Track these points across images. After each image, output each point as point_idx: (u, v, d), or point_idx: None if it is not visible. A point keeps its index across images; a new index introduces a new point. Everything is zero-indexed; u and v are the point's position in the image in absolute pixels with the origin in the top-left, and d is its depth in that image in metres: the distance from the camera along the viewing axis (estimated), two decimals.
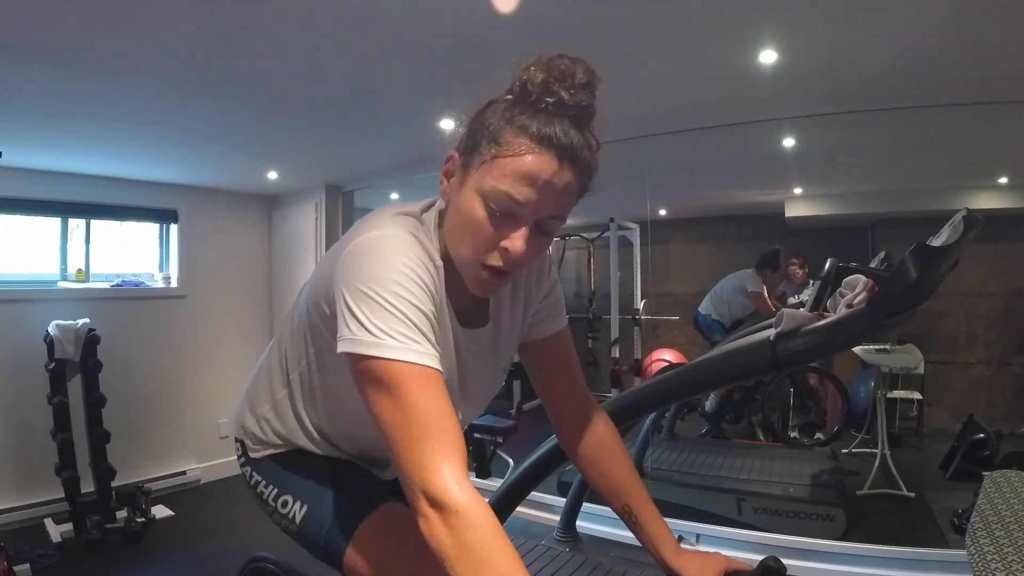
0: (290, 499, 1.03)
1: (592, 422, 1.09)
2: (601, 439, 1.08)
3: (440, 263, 0.87)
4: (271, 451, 1.08)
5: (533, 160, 0.76)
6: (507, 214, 0.79)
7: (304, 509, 1.01)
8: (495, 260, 0.81)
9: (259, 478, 1.08)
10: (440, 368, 0.76)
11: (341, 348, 0.76)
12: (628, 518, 1.04)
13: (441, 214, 0.90)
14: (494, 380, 1.05)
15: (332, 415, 1.02)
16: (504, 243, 0.80)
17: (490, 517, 0.69)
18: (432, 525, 0.68)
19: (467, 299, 0.92)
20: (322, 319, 0.90)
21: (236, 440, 1.14)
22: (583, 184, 0.82)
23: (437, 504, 0.68)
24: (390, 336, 0.74)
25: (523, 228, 0.80)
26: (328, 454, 1.07)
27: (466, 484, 0.69)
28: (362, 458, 1.09)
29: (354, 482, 1.03)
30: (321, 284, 0.89)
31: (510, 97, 0.81)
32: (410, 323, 0.75)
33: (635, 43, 2.03)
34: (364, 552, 0.94)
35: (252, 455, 1.10)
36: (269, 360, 1.09)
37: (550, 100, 0.77)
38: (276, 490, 1.05)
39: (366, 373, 0.75)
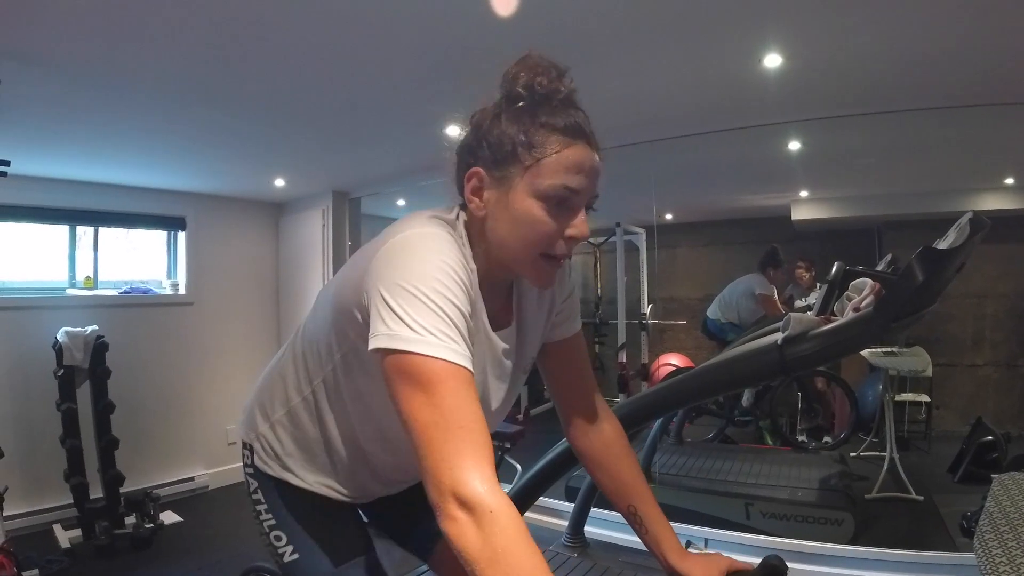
0: (284, 537, 1.06)
1: (602, 425, 1.11)
2: (609, 442, 1.10)
3: (475, 266, 0.89)
4: (280, 473, 1.08)
5: (574, 152, 0.84)
6: (562, 205, 0.84)
7: (295, 556, 1.05)
8: (560, 249, 0.87)
9: (260, 497, 1.10)
10: (472, 370, 0.76)
11: (375, 344, 0.75)
12: (633, 520, 1.06)
13: (467, 223, 0.92)
14: (516, 382, 1.05)
15: (358, 418, 1.00)
16: (570, 231, 0.86)
17: (520, 522, 0.69)
18: (461, 527, 0.67)
19: (496, 302, 0.95)
20: (350, 323, 0.88)
21: (245, 444, 1.13)
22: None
23: (468, 506, 0.67)
24: (430, 333, 0.73)
25: (582, 212, 0.87)
26: (333, 480, 1.07)
27: (497, 488, 0.69)
28: (374, 478, 1.09)
29: (347, 559, 1.05)
30: (350, 287, 0.87)
31: (521, 104, 0.85)
32: (450, 321, 0.75)
33: (640, 48, 2.04)
34: None
35: (260, 467, 1.10)
36: (282, 366, 1.08)
37: (559, 96, 0.86)
38: (273, 520, 1.07)
39: (401, 369, 0.74)
